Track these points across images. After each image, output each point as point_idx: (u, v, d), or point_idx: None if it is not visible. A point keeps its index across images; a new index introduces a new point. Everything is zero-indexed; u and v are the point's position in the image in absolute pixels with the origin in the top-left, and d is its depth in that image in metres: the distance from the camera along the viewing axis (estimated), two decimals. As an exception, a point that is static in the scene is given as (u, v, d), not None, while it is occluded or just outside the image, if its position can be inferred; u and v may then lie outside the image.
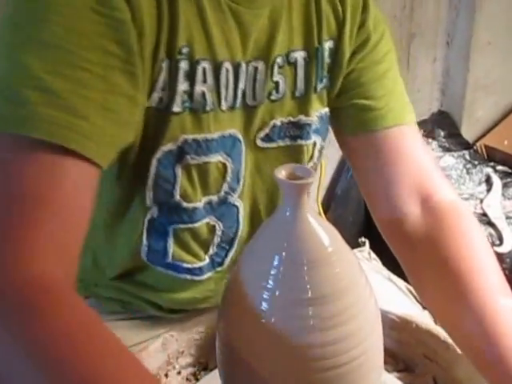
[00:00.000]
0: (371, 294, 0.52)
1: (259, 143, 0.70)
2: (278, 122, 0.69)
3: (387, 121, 0.72)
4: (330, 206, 1.76)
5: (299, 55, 0.68)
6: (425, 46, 1.73)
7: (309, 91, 0.70)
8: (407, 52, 1.71)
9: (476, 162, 1.62)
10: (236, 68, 0.64)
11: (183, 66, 0.60)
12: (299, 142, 0.72)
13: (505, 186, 1.53)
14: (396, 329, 0.70)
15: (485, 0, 1.66)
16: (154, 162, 0.63)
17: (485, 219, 1.37)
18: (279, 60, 0.66)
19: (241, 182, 0.69)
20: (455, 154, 1.66)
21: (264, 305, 0.48)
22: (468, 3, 1.67)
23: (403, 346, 0.70)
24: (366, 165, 0.74)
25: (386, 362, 0.57)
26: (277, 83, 0.67)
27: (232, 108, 0.65)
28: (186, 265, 0.71)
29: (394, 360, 0.70)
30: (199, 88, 0.61)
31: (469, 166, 1.60)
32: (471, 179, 1.55)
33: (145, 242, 0.69)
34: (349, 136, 0.75)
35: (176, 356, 0.69)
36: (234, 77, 0.64)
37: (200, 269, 0.72)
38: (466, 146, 1.73)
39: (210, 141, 0.64)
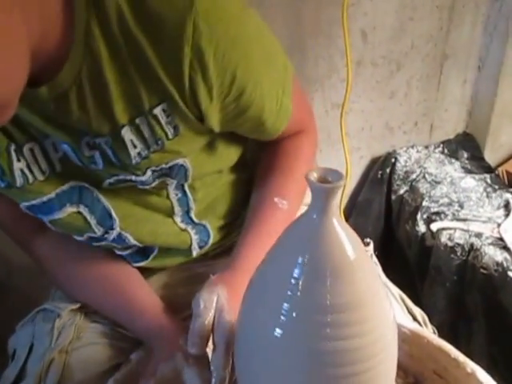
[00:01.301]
0: (391, 307, 0.53)
1: (105, 187, 0.74)
2: (112, 180, 0.73)
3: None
4: (351, 213, 1.78)
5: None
6: (456, 68, 1.74)
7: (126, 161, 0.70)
8: (439, 71, 1.72)
9: (496, 187, 1.62)
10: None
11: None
12: (139, 186, 0.75)
13: (523, 212, 1.54)
14: (407, 342, 0.70)
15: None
16: None
17: (501, 243, 1.38)
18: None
19: (114, 217, 0.75)
20: (476, 177, 1.66)
21: (283, 309, 0.48)
22: (502, 30, 1.67)
23: (414, 360, 0.70)
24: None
25: (396, 375, 0.58)
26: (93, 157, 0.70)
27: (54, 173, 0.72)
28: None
29: (404, 373, 0.71)
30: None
31: (489, 189, 1.61)
32: (490, 203, 1.56)
33: None
34: None
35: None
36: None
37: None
38: (488, 169, 1.73)
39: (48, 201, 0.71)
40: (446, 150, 1.80)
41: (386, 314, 0.51)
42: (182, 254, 0.85)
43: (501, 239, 1.39)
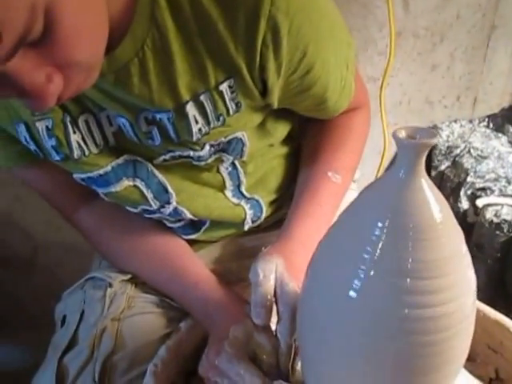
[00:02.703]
0: (473, 276, 0.51)
1: (158, 163, 0.74)
2: (167, 156, 0.72)
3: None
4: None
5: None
6: (505, 39, 1.68)
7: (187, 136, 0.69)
8: (486, 43, 1.67)
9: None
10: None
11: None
12: (194, 162, 0.74)
13: None
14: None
15: None
16: None
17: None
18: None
19: (170, 192, 0.75)
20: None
21: (360, 270, 0.47)
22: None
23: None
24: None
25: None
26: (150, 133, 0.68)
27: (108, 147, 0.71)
28: None
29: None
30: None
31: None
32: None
33: None
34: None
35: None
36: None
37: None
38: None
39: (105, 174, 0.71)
40: (491, 125, 1.75)
41: (468, 284, 0.49)
42: (233, 227, 0.84)
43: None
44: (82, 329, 0.76)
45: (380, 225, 0.46)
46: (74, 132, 0.67)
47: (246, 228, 0.84)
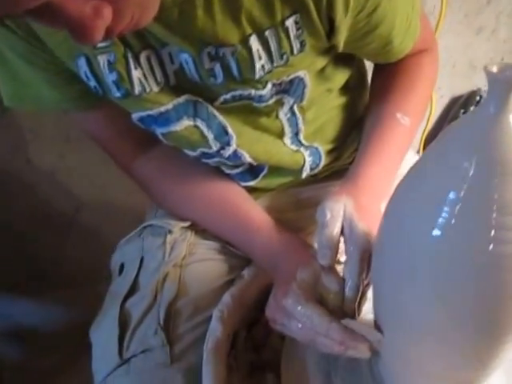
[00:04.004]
0: None
1: (217, 105, 0.71)
2: (228, 96, 0.70)
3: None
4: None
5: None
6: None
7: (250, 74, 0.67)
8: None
9: None
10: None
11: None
12: (254, 104, 0.71)
13: None
14: None
15: None
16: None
17: None
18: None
19: (231, 134, 0.72)
20: None
21: (446, 209, 0.45)
22: None
23: None
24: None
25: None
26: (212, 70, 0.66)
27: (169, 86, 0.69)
28: None
29: None
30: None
31: None
32: None
33: None
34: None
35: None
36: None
37: None
38: None
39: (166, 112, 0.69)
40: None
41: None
42: (291, 174, 0.83)
43: None
44: (143, 275, 0.76)
45: (468, 160, 0.45)
46: (136, 68, 0.66)
47: (304, 175, 0.82)
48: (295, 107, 0.76)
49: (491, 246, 0.45)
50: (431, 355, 0.53)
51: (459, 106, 1.70)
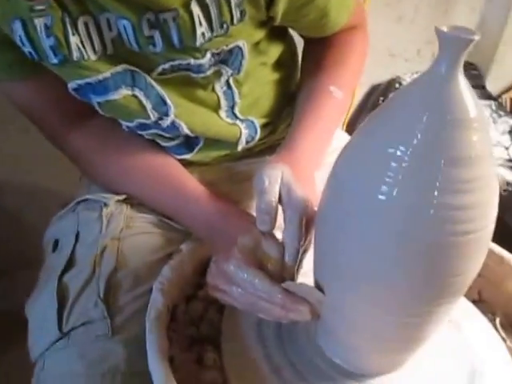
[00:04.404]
0: (495, 172, 0.52)
1: (155, 76, 0.72)
2: (166, 66, 0.71)
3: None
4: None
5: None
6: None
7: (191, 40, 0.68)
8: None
9: (501, 113, 1.65)
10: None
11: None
12: (192, 75, 0.73)
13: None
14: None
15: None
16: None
17: (510, 164, 1.41)
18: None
19: (169, 104, 0.73)
20: (481, 103, 1.67)
21: (392, 169, 0.47)
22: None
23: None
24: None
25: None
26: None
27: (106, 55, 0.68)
28: None
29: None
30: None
31: (494, 115, 1.63)
32: (496, 128, 1.58)
33: None
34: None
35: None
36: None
37: None
38: (490, 98, 1.75)
39: (104, 80, 0.69)
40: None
41: (492, 179, 0.50)
42: (227, 147, 0.84)
43: (510, 160, 1.41)
44: (79, 250, 0.74)
45: (419, 118, 0.46)
46: (73, 34, 0.65)
47: (240, 148, 0.84)
48: (231, 80, 0.77)
49: (435, 200, 0.47)
50: (365, 313, 0.55)
51: (378, 93, 1.76)
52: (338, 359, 0.62)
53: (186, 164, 0.82)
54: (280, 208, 0.62)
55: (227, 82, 0.76)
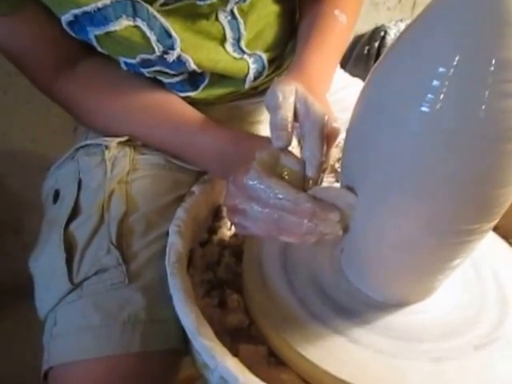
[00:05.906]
0: None
1: (157, 7, 0.66)
2: None
3: None
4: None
5: None
6: None
7: None
8: None
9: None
10: None
11: None
12: (197, 2, 0.68)
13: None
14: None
15: None
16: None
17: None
18: None
19: (174, 37, 0.68)
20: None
21: (437, 79, 0.44)
22: None
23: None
24: None
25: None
26: None
27: None
28: None
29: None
30: None
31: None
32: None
33: None
34: None
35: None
36: None
37: None
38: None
39: (103, 8, 0.62)
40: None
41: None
42: (233, 84, 0.79)
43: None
44: (83, 197, 0.69)
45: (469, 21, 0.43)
46: None
47: (247, 85, 0.79)
48: (235, 9, 0.72)
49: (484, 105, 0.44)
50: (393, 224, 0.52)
51: (363, 43, 1.72)
52: (365, 288, 0.61)
53: (189, 103, 0.77)
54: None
55: (231, 11, 0.72)
